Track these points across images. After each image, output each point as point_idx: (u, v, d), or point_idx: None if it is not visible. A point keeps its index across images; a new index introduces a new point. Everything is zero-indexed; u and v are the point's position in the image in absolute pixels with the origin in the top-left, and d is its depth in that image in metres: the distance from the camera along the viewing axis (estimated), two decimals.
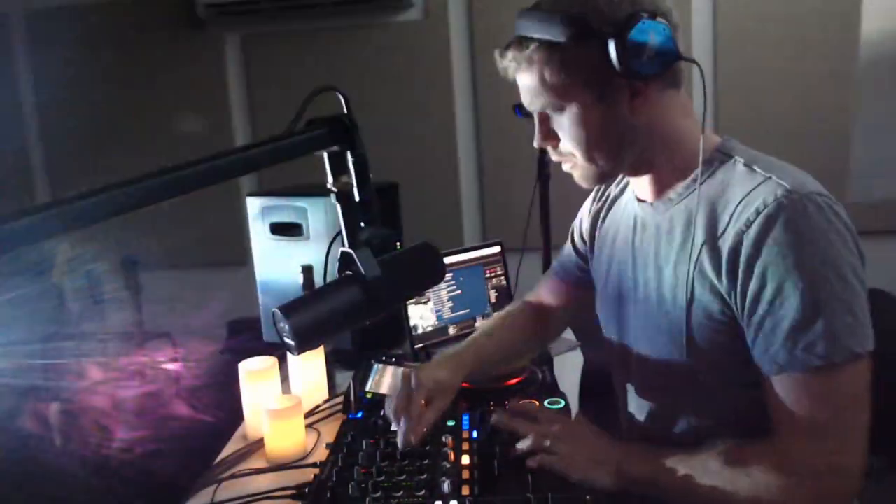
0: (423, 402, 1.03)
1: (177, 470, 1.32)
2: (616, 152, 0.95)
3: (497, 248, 1.80)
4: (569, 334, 1.70)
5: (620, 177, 1.11)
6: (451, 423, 1.15)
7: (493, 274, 1.79)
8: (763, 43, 2.45)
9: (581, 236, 1.24)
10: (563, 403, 1.22)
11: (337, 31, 2.67)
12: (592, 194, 1.21)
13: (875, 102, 2.45)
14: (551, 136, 0.97)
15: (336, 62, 2.67)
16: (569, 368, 1.49)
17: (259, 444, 1.22)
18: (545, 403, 1.23)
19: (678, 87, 0.95)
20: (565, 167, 1.00)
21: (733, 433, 0.93)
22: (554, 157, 1.00)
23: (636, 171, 1.01)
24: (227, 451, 1.24)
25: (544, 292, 1.34)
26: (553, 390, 1.30)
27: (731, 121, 2.50)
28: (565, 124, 0.94)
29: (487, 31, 2.54)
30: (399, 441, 1.01)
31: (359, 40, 2.67)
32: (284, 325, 0.88)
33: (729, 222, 0.88)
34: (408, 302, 1.62)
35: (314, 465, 1.11)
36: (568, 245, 1.28)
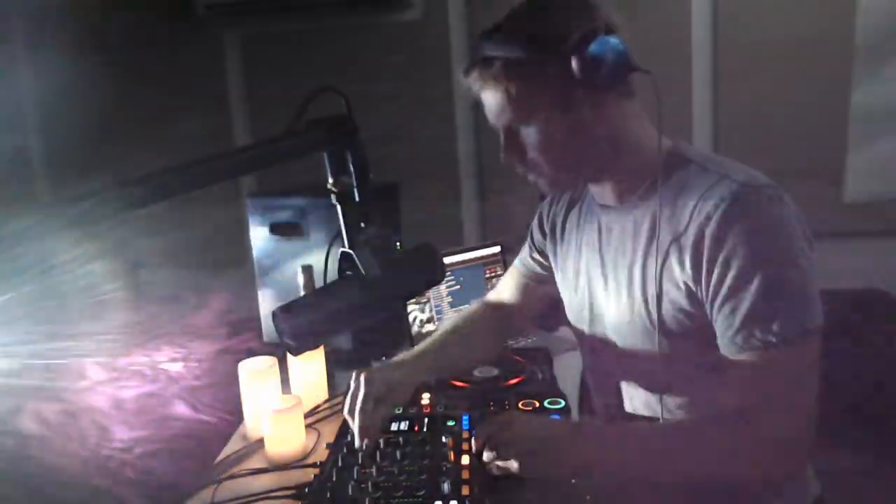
0: (372, 402, 1.02)
1: (177, 470, 1.32)
2: (580, 160, 1.01)
3: (497, 249, 1.80)
4: (568, 334, 1.70)
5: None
6: (451, 423, 1.15)
7: (492, 274, 1.79)
8: (762, 44, 2.46)
9: (541, 239, 1.27)
10: (563, 403, 1.22)
11: (337, 31, 2.67)
12: (548, 200, 1.25)
13: (872, 103, 2.45)
14: (517, 150, 1.01)
15: (336, 62, 2.67)
16: (569, 368, 1.49)
17: (259, 444, 1.22)
18: (545, 403, 1.23)
19: (632, 97, 1.00)
20: (531, 177, 1.04)
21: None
22: (519, 169, 1.04)
23: (598, 177, 1.06)
24: (227, 451, 1.24)
25: (506, 291, 1.37)
26: (553, 390, 1.30)
27: (731, 122, 2.50)
28: (532, 136, 0.98)
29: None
30: (356, 440, 1.02)
31: (359, 40, 2.67)
32: (284, 326, 0.88)
33: (690, 219, 0.94)
34: (408, 302, 1.62)
35: (314, 465, 1.12)
36: (527, 246, 1.32)
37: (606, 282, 1.08)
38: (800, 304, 0.89)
